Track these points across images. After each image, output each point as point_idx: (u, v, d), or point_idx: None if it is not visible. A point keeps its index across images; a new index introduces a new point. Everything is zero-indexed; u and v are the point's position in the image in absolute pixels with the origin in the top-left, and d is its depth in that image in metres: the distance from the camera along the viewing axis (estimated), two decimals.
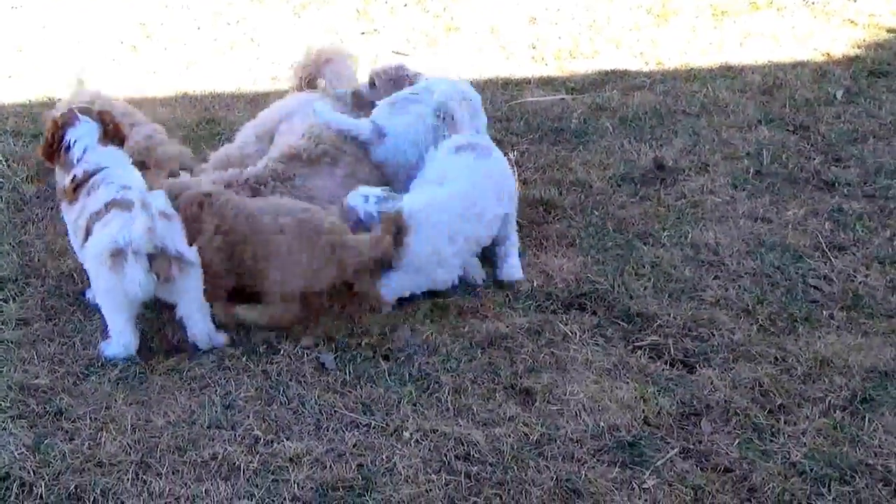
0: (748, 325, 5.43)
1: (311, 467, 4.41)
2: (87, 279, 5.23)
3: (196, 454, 4.45)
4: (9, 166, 6.78)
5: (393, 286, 5.46)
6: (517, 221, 6.07)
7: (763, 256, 6.01)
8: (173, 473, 4.37)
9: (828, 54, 8.98)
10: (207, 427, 4.61)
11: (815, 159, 7.10)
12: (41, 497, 4.23)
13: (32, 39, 8.85)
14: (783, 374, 5.06)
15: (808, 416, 4.78)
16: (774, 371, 5.07)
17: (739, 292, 5.69)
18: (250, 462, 4.41)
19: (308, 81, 6.76)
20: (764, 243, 6.15)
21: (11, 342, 5.13)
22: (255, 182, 5.78)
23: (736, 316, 5.50)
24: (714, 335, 5.33)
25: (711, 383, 4.98)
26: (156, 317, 5.35)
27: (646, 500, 4.34)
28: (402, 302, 5.50)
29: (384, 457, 4.48)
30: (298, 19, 9.52)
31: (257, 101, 7.64)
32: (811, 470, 4.47)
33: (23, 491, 4.25)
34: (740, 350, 5.22)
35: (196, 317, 5.09)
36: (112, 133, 5.38)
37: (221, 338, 5.17)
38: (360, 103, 6.48)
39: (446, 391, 4.87)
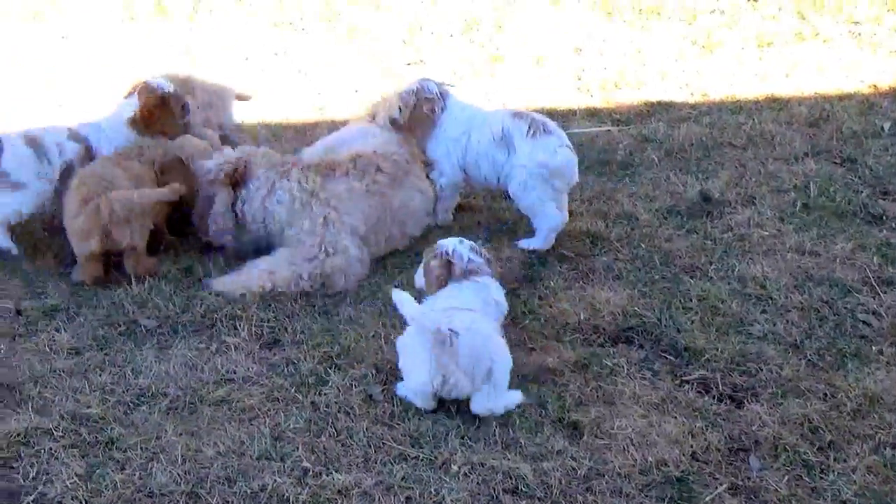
0: (796, 359, 5.40)
1: (360, 500, 4.42)
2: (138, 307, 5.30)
3: (245, 485, 4.46)
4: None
5: None
6: (563, 253, 6.12)
7: (811, 290, 5.98)
8: None
9: (874, 86, 8.96)
10: (257, 458, 4.62)
11: (862, 192, 7.08)
12: None
13: (82, 70, 8.94)
14: (832, 410, 5.03)
15: (857, 454, 4.74)
16: (823, 407, 5.04)
17: (787, 327, 5.66)
18: (299, 494, 4.42)
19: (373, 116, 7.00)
20: (812, 277, 6.13)
21: (63, 371, 5.18)
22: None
23: (784, 351, 5.47)
24: (762, 370, 5.31)
25: (760, 419, 4.96)
26: (206, 347, 5.40)
27: None
28: None
29: (432, 490, 4.47)
30: (344, 50, 9.59)
31: (304, 131, 7.72)
32: None
33: None
34: (789, 385, 5.19)
35: None
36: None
37: None
38: (398, 128, 6.65)
39: (494, 424, 4.86)
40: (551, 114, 8.06)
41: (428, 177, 6.67)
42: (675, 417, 4.96)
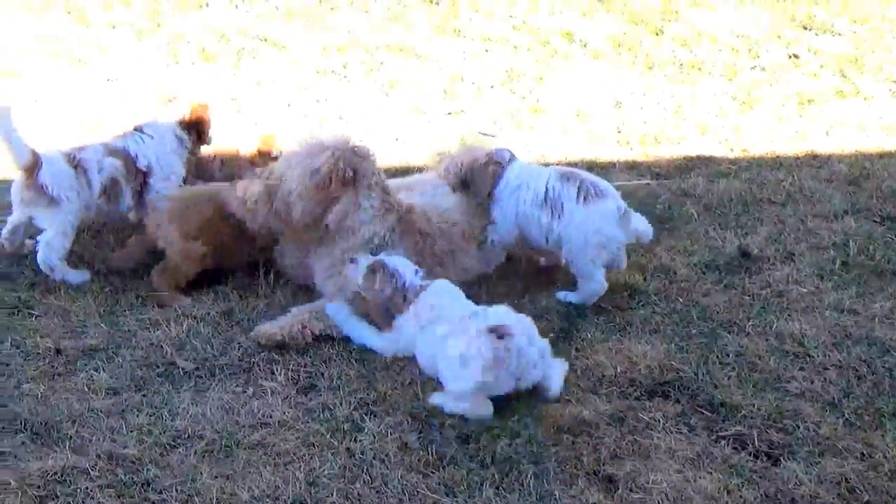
0: (834, 418, 5.36)
1: None
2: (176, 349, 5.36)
3: None
4: (100, 235, 6.92)
5: None
6: (601, 305, 6.18)
7: (849, 349, 5.95)
8: None
9: None
10: (291, 503, 4.63)
11: None
12: None
13: (127, 113, 9.00)
14: (870, 470, 4.99)
15: None
16: (861, 467, 5.00)
17: (825, 385, 5.63)
18: None
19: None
20: (850, 336, 6.09)
21: (101, 411, 5.21)
22: None
23: (821, 409, 5.44)
24: (799, 427, 5.27)
25: (797, 477, 4.92)
26: (242, 391, 5.43)
27: None
28: None
29: None
30: (386, 98, 9.67)
31: None
32: None
33: None
34: (826, 444, 5.16)
35: None
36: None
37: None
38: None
39: (528, 475, 4.85)
40: (591, 166, 8.17)
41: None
42: (711, 473, 4.93)
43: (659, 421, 5.29)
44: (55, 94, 9.29)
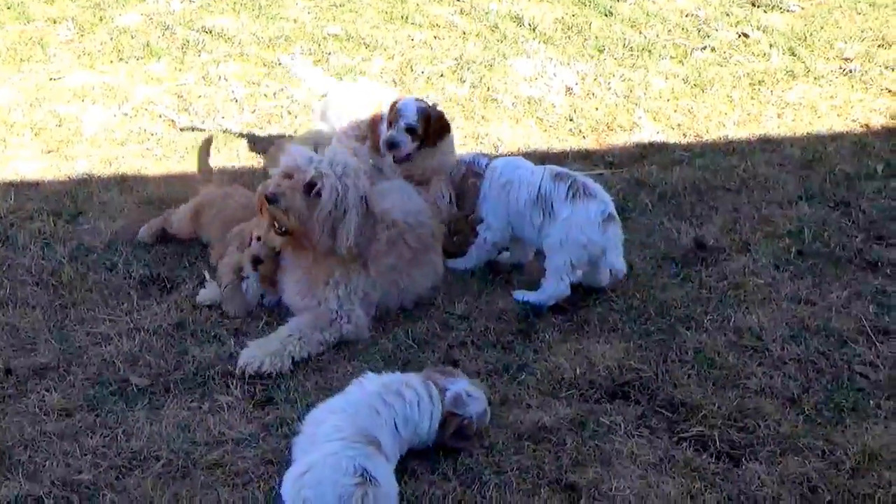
0: (794, 415, 5.36)
1: None
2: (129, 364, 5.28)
3: None
4: (48, 247, 6.80)
5: None
6: (558, 304, 6.17)
7: (807, 342, 5.95)
8: None
9: (867, 126, 8.95)
10: None
11: (857, 237, 7.06)
12: None
13: (71, 113, 8.88)
14: (831, 468, 4.99)
15: None
16: (822, 465, 5.00)
17: (784, 380, 5.63)
18: None
19: None
20: (808, 327, 6.10)
21: (54, 434, 5.11)
22: None
23: (781, 406, 5.44)
24: (760, 426, 5.26)
25: (759, 478, 4.92)
26: (198, 407, 5.35)
27: None
28: None
29: None
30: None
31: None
32: None
33: None
34: (787, 443, 5.16)
35: None
36: None
37: None
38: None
39: (490, 487, 4.81)
40: (544, 157, 8.11)
41: (475, 232, 6.73)
42: (673, 478, 4.92)
43: (620, 424, 5.27)
44: None
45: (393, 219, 6.29)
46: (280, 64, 9.82)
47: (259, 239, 6.13)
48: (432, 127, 6.85)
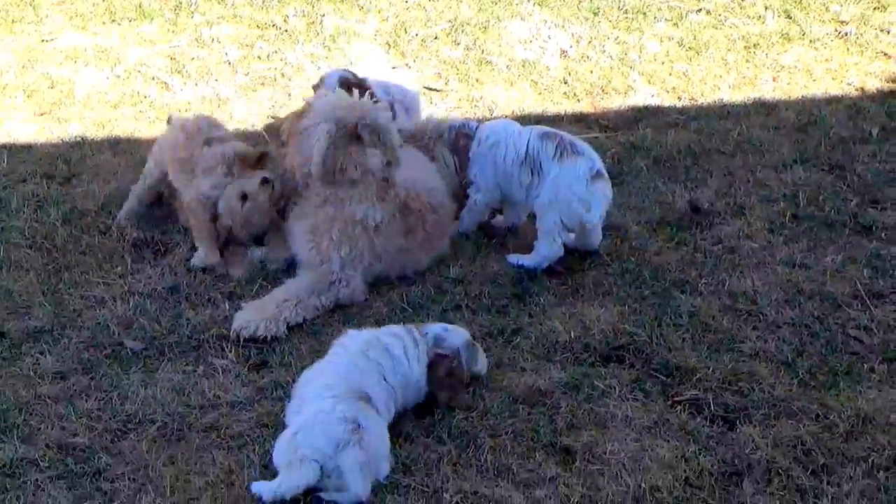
0: (788, 378, 5.37)
1: None
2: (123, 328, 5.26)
3: None
4: (42, 210, 6.78)
5: None
6: (553, 267, 6.19)
7: (802, 305, 5.96)
8: None
9: (862, 89, 8.92)
10: (247, 488, 4.57)
11: (852, 201, 7.04)
12: None
13: (64, 76, 8.85)
14: (825, 431, 5.00)
15: (851, 477, 4.72)
16: (816, 428, 5.01)
17: (779, 344, 5.64)
18: None
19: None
20: (802, 291, 6.10)
21: (49, 397, 5.12)
22: None
23: (776, 369, 5.44)
24: (754, 390, 5.27)
25: (753, 441, 4.93)
26: (193, 370, 5.35)
27: None
28: None
29: None
30: (329, 53, 9.50)
31: None
32: None
33: None
34: (781, 406, 5.16)
35: None
36: None
37: None
38: None
39: (485, 450, 4.82)
40: (539, 120, 8.09)
41: (466, 194, 6.71)
42: (668, 441, 4.93)
43: (614, 388, 5.28)
44: None
45: (417, 192, 6.29)
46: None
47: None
48: None
